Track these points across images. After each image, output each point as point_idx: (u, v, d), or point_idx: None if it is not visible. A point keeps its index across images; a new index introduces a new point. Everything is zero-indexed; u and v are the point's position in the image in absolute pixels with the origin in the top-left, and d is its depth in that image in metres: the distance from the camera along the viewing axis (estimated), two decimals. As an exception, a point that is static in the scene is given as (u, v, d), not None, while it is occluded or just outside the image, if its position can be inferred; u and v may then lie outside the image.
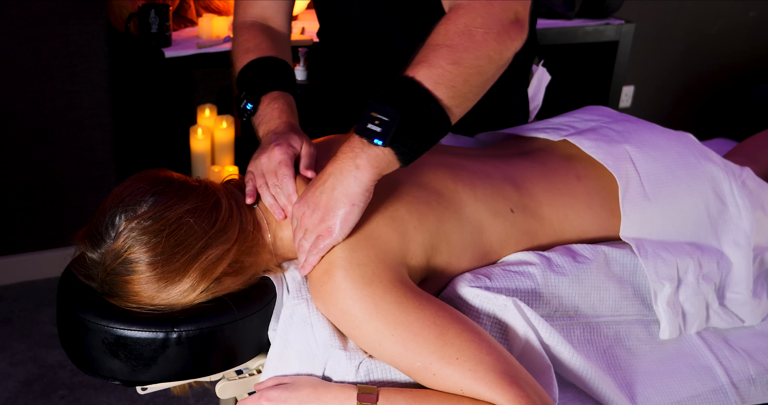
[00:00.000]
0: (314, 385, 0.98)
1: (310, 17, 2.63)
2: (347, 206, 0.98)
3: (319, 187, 1.00)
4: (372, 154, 0.96)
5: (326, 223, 0.99)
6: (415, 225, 1.05)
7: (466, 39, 0.98)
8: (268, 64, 1.24)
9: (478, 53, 0.98)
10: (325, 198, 0.99)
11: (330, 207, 0.99)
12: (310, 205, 1.00)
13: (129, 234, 0.98)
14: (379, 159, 0.97)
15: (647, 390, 1.13)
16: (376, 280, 0.98)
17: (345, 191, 0.98)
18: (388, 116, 0.95)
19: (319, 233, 1.00)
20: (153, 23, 2.21)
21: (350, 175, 0.97)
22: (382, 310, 0.96)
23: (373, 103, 0.97)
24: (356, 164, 0.97)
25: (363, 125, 0.96)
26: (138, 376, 1.00)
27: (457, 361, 0.94)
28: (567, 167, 1.25)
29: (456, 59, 0.97)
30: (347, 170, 0.97)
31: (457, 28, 0.99)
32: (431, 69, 0.96)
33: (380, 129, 0.95)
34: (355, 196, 0.98)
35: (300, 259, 1.03)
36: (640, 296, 1.20)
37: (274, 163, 1.09)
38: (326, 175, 1.00)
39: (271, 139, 1.12)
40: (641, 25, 3.33)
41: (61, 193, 2.66)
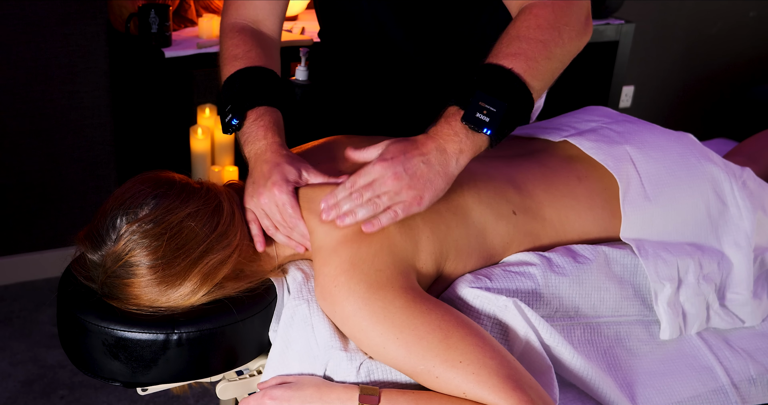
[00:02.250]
0: (317, 385, 0.98)
1: (310, 17, 2.63)
2: (443, 184, 1.01)
3: (419, 157, 1.00)
4: (477, 141, 1.02)
5: (417, 191, 1.00)
6: (427, 235, 1.06)
7: (556, 35, 1.05)
8: (256, 75, 1.20)
9: (564, 49, 1.07)
10: (424, 168, 1.00)
11: (429, 178, 1.00)
12: (407, 169, 1.00)
13: (130, 237, 0.97)
14: (478, 145, 1.02)
15: (648, 390, 1.13)
16: (389, 286, 0.98)
17: (445, 170, 1.01)
18: (496, 107, 1.00)
19: (405, 199, 1.00)
20: (153, 23, 2.21)
21: (453, 157, 1.01)
22: (389, 314, 0.96)
23: (481, 92, 1.01)
24: (460, 149, 1.01)
25: (471, 114, 1.01)
26: (138, 377, 1.00)
27: (461, 365, 0.94)
28: (568, 168, 1.25)
29: (549, 54, 1.05)
30: (451, 151, 1.01)
31: (548, 23, 1.06)
32: (529, 62, 1.03)
33: (489, 119, 1.00)
34: (451, 178, 1.02)
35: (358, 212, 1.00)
36: (641, 296, 1.20)
37: (277, 204, 1.06)
38: (427, 148, 1.01)
39: (264, 172, 1.08)
40: (641, 25, 3.33)
41: (61, 193, 2.65)
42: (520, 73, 1.02)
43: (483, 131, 1.00)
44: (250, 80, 1.19)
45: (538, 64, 1.04)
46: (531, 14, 1.07)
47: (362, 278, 0.98)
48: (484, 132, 1.01)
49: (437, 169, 1.00)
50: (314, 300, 1.05)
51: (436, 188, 1.01)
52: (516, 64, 1.03)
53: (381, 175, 1.00)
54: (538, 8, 1.08)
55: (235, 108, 1.16)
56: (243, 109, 1.15)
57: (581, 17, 1.09)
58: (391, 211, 1.00)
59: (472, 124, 1.00)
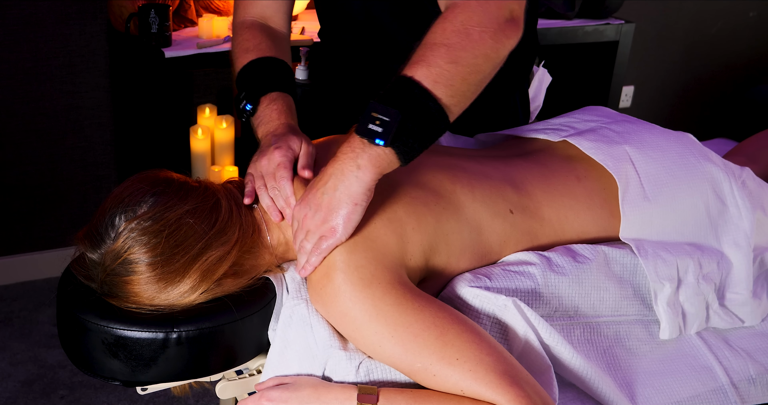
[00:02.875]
0: (315, 386, 0.98)
1: (310, 17, 2.63)
2: (350, 206, 0.98)
3: (321, 188, 0.99)
4: (373, 154, 0.97)
5: (329, 223, 0.99)
6: (413, 226, 1.05)
7: (464, 38, 0.98)
8: (268, 65, 1.24)
9: (475, 52, 0.99)
10: (327, 198, 0.99)
11: (332, 207, 0.98)
12: (312, 206, 1.00)
13: (129, 235, 0.98)
14: (380, 158, 0.97)
15: (647, 390, 1.13)
16: (375, 282, 0.98)
17: (347, 191, 0.98)
18: (388, 116, 0.95)
19: (321, 234, 1.00)
20: (153, 23, 2.21)
21: (352, 175, 0.97)
22: (381, 312, 0.96)
23: (373, 103, 0.97)
24: (357, 164, 0.97)
25: (364, 125, 0.96)
26: (138, 376, 1.00)
27: (458, 362, 0.94)
28: (567, 168, 1.25)
29: (454, 58, 0.97)
30: (348, 170, 0.97)
31: (455, 26, 0.99)
32: (429, 68, 0.97)
33: (381, 129, 0.95)
34: (357, 196, 0.98)
35: (300, 261, 1.02)
36: (640, 296, 1.20)
37: (273, 166, 1.09)
38: (327, 175, 0.99)
39: (271, 141, 1.12)
40: (641, 25, 3.33)
41: (61, 193, 2.66)
42: (420, 80, 0.96)
43: (375, 142, 0.95)
44: (262, 69, 1.23)
45: (441, 70, 0.97)
46: (442, 18, 1.02)
47: (345, 277, 0.98)
48: (376, 143, 0.95)
49: (338, 194, 0.98)
50: (313, 300, 1.05)
51: (345, 213, 0.98)
52: (416, 71, 0.97)
53: (298, 219, 1.03)
54: (450, 10, 1.02)
55: (248, 95, 1.20)
56: (256, 95, 1.20)
57: (499, 18, 1.01)
58: (316, 248, 1.01)
59: (364, 136, 0.96)
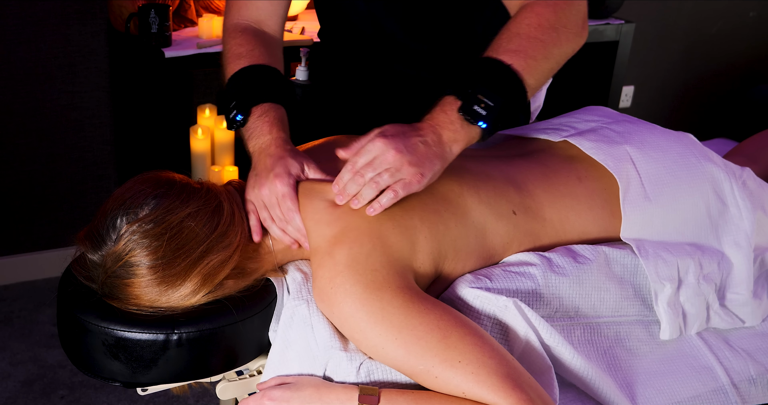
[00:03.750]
0: (317, 385, 0.98)
1: (310, 17, 2.63)
2: (440, 166, 1.03)
3: (418, 137, 1.02)
4: (470, 133, 1.04)
5: (419, 169, 1.01)
6: (425, 235, 1.06)
7: (555, 36, 1.08)
8: (260, 73, 1.21)
9: (561, 50, 1.09)
10: (423, 148, 1.02)
11: (428, 157, 1.02)
12: (408, 147, 1.01)
13: (130, 237, 0.97)
14: (472, 136, 1.05)
15: (648, 390, 1.13)
16: (386, 286, 0.98)
17: (441, 154, 1.03)
18: (494, 102, 1.03)
19: (405, 176, 1.01)
20: (153, 23, 2.21)
21: (448, 145, 1.04)
22: (387, 315, 0.96)
23: (481, 86, 1.03)
24: (455, 138, 1.04)
25: (469, 105, 1.03)
26: (138, 377, 1.00)
27: (460, 365, 0.94)
28: (568, 168, 1.25)
29: (547, 54, 1.07)
30: (447, 139, 1.03)
31: (549, 23, 1.08)
32: (528, 60, 1.05)
33: (485, 112, 1.03)
34: (446, 162, 1.04)
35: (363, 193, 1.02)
36: (641, 297, 1.20)
37: (276, 196, 1.07)
38: (425, 131, 1.03)
39: (267, 165, 1.09)
40: (641, 25, 3.33)
41: (61, 193, 2.65)
42: (519, 70, 1.04)
43: (478, 124, 1.03)
44: (255, 77, 1.20)
45: (537, 63, 1.06)
46: (532, 12, 1.09)
47: (358, 279, 0.98)
48: (479, 125, 1.03)
49: (434, 150, 1.02)
50: (314, 300, 1.05)
51: (434, 168, 1.03)
52: (515, 60, 1.05)
53: (382, 152, 1.01)
54: (539, 7, 1.09)
55: (239, 104, 1.17)
56: (248, 106, 1.17)
57: (579, 20, 1.11)
58: (391, 190, 1.02)
59: (469, 115, 1.03)
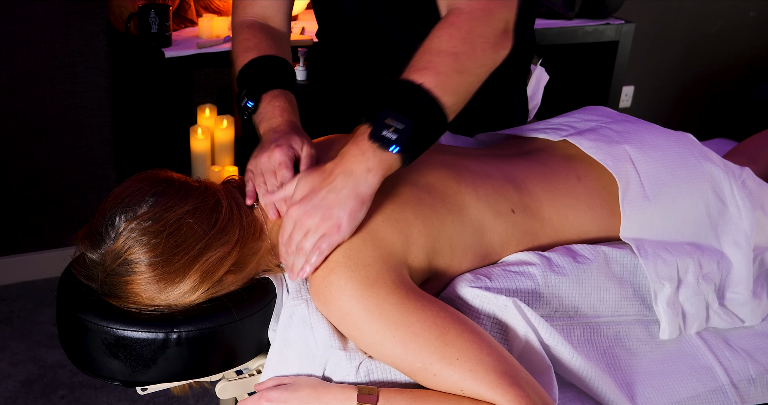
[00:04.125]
0: (314, 386, 0.98)
1: (310, 17, 2.63)
2: (357, 204, 0.99)
3: (325, 186, 1.00)
4: (384, 159, 0.99)
5: (332, 220, 0.99)
6: (419, 228, 1.06)
7: (469, 47, 1.02)
8: (269, 63, 1.24)
9: (477, 62, 1.03)
10: (332, 196, 0.99)
11: (338, 204, 0.99)
12: (315, 204, 1.00)
13: (129, 235, 0.97)
14: (389, 162, 1.00)
15: (647, 390, 1.13)
16: (380, 282, 0.98)
17: (355, 191, 0.99)
18: (403, 124, 0.98)
19: (324, 232, 1.00)
20: (153, 23, 2.21)
21: (361, 177, 0.99)
22: (384, 311, 0.96)
23: (387, 109, 0.99)
24: (368, 167, 0.99)
25: (378, 132, 0.99)
26: (138, 376, 1.00)
27: (458, 362, 0.94)
28: (567, 167, 1.25)
29: (460, 68, 1.01)
30: (358, 171, 0.99)
31: (461, 34, 1.02)
32: (439, 77, 1.00)
33: (396, 136, 0.98)
34: (364, 196, 1.00)
35: (297, 263, 1.02)
36: (640, 296, 1.20)
37: (273, 164, 1.09)
38: (333, 175, 1.00)
39: (272, 138, 1.12)
40: (641, 25, 3.33)
41: (61, 193, 2.66)
42: (430, 88, 0.99)
43: (390, 149, 0.98)
44: (264, 67, 1.23)
45: (449, 78, 1.00)
46: (446, 24, 1.04)
47: (351, 276, 0.98)
48: (390, 150, 0.98)
49: (345, 193, 0.99)
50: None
51: (350, 210, 0.99)
52: (426, 78, 0.99)
53: (297, 219, 1.02)
54: (455, 16, 1.04)
55: (250, 92, 1.20)
56: (258, 93, 1.19)
57: (497, 30, 1.05)
58: (316, 248, 1.00)
59: (378, 142, 0.99)
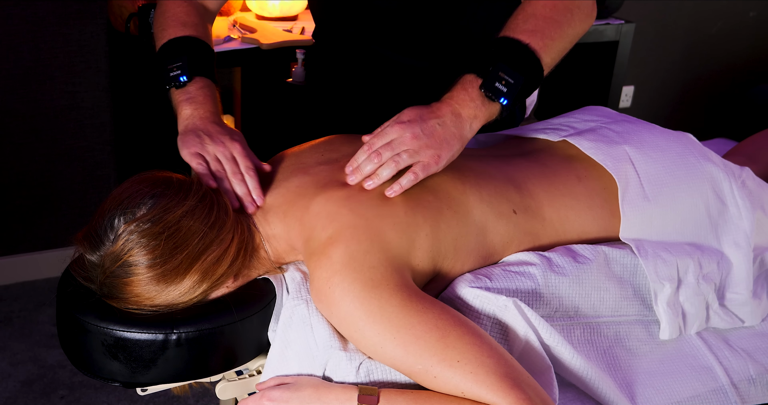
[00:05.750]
0: (316, 386, 0.98)
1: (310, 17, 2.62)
2: (458, 145, 1.07)
3: (435, 119, 1.05)
4: (491, 109, 1.08)
5: (436, 151, 1.04)
6: (427, 233, 1.06)
7: (569, 16, 1.12)
8: (208, 53, 1.27)
9: (575, 30, 1.14)
10: (441, 130, 1.05)
11: (445, 139, 1.05)
12: (423, 130, 1.04)
13: (128, 237, 0.97)
14: (491, 112, 1.08)
15: (647, 390, 1.13)
16: (384, 284, 0.98)
17: (460, 133, 1.06)
18: (514, 79, 1.07)
19: (423, 158, 1.04)
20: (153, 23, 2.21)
21: (467, 122, 1.07)
22: (386, 314, 0.96)
23: (502, 64, 1.07)
24: (475, 114, 1.07)
25: (491, 83, 1.07)
26: (138, 377, 1.00)
27: (458, 364, 0.94)
28: (567, 168, 1.25)
29: (562, 34, 1.12)
30: (466, 116, 1.07)
31: (563, 5, 1.13)
32: (545, 40, 1.10)
33: (506, 89, 1.07)
34: (465, 140, 1.07)
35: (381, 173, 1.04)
36: (640, 296, 1.20)
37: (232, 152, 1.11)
38: (442, 111, 1.06)
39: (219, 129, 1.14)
40: (641, 25, 3.33)
41: (61, 193, 2.66)
42: (536, 50, 1.08)
43: (500, 101, 1.07)
44: (203, 53, 1.25)
45: (553, 43, 1.10)
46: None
47: (356, 277, 0.98)
48: (500, 101, 1.06)
49: (452, 131, 1.05)
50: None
51: (452, 148, 1.06)
52: (533, 40, 1.09)
53: (399, 135, 1.05)
54: None
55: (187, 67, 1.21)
56: (194, 73, 1.21)
57: (589, 1, 1.16)
58: (411, 172, 1.04)
59: (490, 92, 1.06)
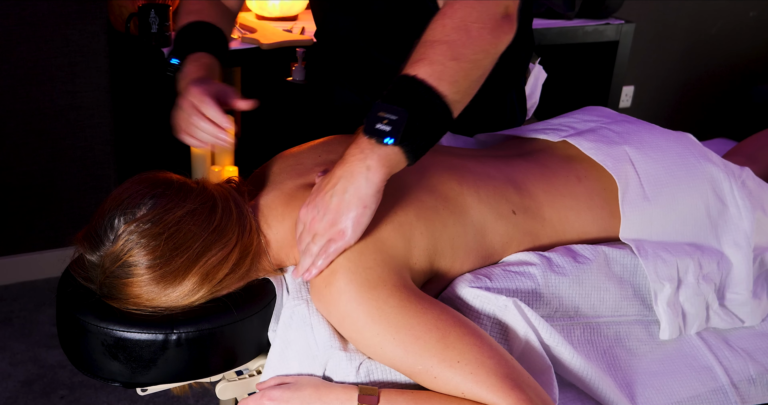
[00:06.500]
0: (316, 385, 0.98)
1: (310, 17, 2.62)
2: (359, 208, 0.97)
3: (329, 190, 0.98)
4: (382, 154, 0.96)
5: (338, 226, 0.98)
6: (421, 230, 1.05)
7: (463, 34, 1.00)
8: (203, 28, 1.28)
9: (475, 48, 1.00)
10: (336, 201, 0.97)
11: (341, 210, 0.97)
12: (320, 208, 0.99)
13: (128, 237, 0.97)
14: (389, 158, 0.97)
15: (647, 390, 1.13)
16: (381, 284, 0.98)
17: (357, 193, 0.97)
18: (396, 114, 0.95)
19: (330, 237, 0.98)
20: (153, 23, 2.21)
21: (361, 177, 0.97)
22: (385, 314, 0.96)
23: (379, 102, 0.97)
24: (367, 165, 0.96)
25: (371, 125, 0.96)
26: (138, 377, 1.00)
27: (459, 365, 0.94)
28: (567, 168, 1.25)
29: (455, 55, 0.98)
30: (358, 172, 0.97)
31: (454, 23, 1.00)
32: (432, 66, 0.97)
33: (390, 128, 0.95)
34: (366, 198, 0.97)
35: (304, 264, 1.01)
36: (640, 296, 1.20)
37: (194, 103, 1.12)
38: (335, 177, 0.98)
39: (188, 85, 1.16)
40: (641, 25, 3.33)
41: (61, 193, 2.66)
42: (424, 78, 0.97)
43: (384, 142, 0.95)
44: (197, 30, 1.26)
45: (444, 67, 0.98)
46: (440, 14, 1.03)
47: (352, 278, 0.98)
48: (385, 142, 0.95)
49: (347, 197, 0.97)
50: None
51: (354, 216, 0.97)
52: (419, 69, 0.97)
53: (305, 221, 1.01)
54: (448, 7, 1.03)
55: (176, 51, 1.24)
56: (184, 53, 1.23)
57: (496, 15, 1.03)
58: (323, 252, 0.99)
59: (373, 135, 0.96)
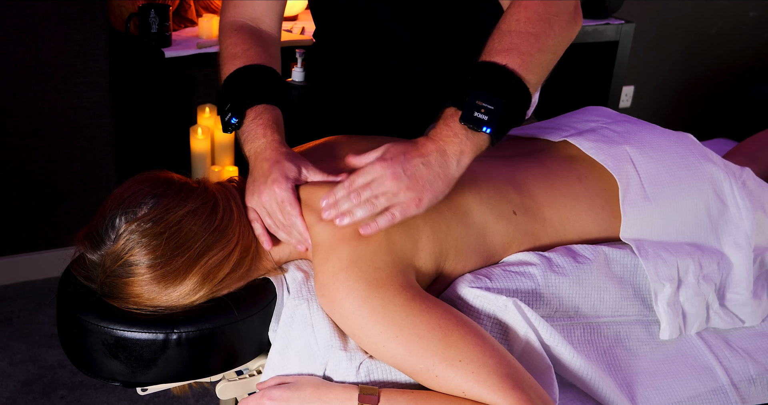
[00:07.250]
0: (316, 385, 0.98)
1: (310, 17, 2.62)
2: (443, 186, 1.01)
3: (419, 158, 1.00)
4: (476, 141, 1.01)
5: (416, 193, 0.99)
6: (428, 234, 1.06)
7: (547, 26, 1.05)
8: (255, 73, 1.19)
9: (556, 40, 1.07)
10: (424, 170, 1.00)
11: (429, 181, 1.00)
12: (406, 170, 0.99)
13: (129, 236, 0.97)
14: (480, 145, 1.02)
15: (647, 390, 1.13)
16: (388, 284, 0.98)
17: (445, 172, 1.01)
18: (494, 105, 1.00)
19: (403, 200, 0.99)
20: (153, 23, 2.21)
21: (454, 159, 1.01)
22: (389, 312, 0.96)
23: (477, 91, 1.01)
24: (461, 150, 1.01)
25: (469, 114, 1.00)
26: (138, 377, 1.00)
27: (460, 364, 0.94)
28: (568, 168, 1.25)
29: (542, 47, 1.04)
30: (452, 153, 1.01)
31: (538, 15, 1.06)
32: (523, 57, 1.03)
33: (487, 117, 1.00)
34: (452, 180, 1.02)
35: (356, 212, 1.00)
36: (641, 296, 1.20)
37: (277, 202, 1.05)
38: (428, 149, 1.01)
39: (265, 170, 1.08)
40: (641, 25, 3.33)
41: (61, 193, 2.66)
42: (515, 69, 1.02)
43: (482, 130, 1.00)
44: (249, 78, 1.18)
45: (532, 58, 1.03)
46: (520, 7, 1.07)
47: (361, 276, 0.98)
48: (483, 131, 1.00)
49: (437, 171, 1.00)
50: (314, 299, 1.05)
51: (436, 190, 1.00)
52: (510, 59, 1.02)
53: (380, 175, 0.99)
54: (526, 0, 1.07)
55: (234, 107, 1.15)
56: (242, 108, 1.15)
57: (570, 6, 1.09)
58: (389, 213, 1.00)
59: (471, 123, 1.00)
